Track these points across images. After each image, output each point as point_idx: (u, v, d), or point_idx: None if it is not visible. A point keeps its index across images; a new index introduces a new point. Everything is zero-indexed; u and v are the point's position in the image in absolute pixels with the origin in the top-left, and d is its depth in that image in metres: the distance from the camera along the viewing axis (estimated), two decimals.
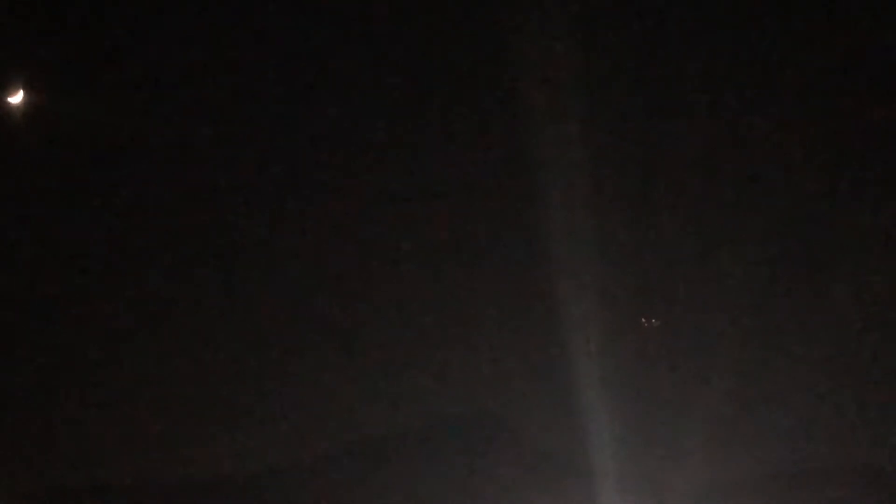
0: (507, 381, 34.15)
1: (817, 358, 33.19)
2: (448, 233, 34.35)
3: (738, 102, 33.44)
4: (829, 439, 32.92)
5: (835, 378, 33.23)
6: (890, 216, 32.98)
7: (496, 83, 33.10)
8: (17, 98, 33.84)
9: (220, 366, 32.74)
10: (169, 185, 33.40)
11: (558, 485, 32.93)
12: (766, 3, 33.42)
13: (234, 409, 32.58)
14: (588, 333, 32.27)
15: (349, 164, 33.70)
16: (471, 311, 34.47)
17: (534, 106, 32.31)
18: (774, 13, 33.21)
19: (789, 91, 32.97)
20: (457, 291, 34.19)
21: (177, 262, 32.99)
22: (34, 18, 33.62)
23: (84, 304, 32.54)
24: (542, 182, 32.77)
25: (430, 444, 34.47)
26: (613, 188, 33.71)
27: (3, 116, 33.17)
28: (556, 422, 32.69)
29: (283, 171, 33.50)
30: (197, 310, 32.97)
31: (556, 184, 32.73)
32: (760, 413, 32.70)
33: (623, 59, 33.59)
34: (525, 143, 32.49)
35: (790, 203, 33.13)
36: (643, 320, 33.02)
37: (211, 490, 32.62)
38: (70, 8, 33.80)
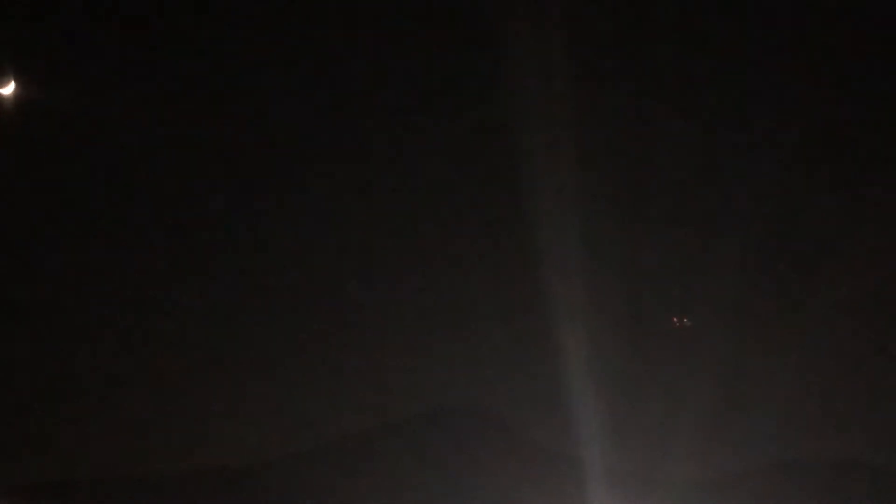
0: (499, 377, 34.49)
1: (802, 357, 33.81)
2: (440, 230, 34.50)
3: (733, 106, 33.79)
4: (813, 434, 33.61)
5: (818, 377, 33.89)
6: (876, 220, 33.55)
7: (490, 85, 33.22)
8: (8, 89, 33.56)
9: (213, 363, 32.75)
10: (164, 178, 33.27)
11: (548, 478, 33.36)
12: (764, 5, 33.71)
13: (228, 405, 32.64)
14: (579, 331, 32.59)
15: (343, 164, 33.73)
16: (463, 308, 34.72)
17: (529, 107, 32.49)
18: (771, 15, 33.49)
19: (783, 94, 33.34)
20: (449, 289, 34.39)
21: (172, 258, 32.89)
22: (26, 10, 33.32)
23: (79, 298, 32.37)
24: (534, 181, 32.98)
25: (421, 437, 34.77)
26: (605, 190, 34.04)
27: None
28: (547, 416, 33.10)
29: (279, 170, 33.41)
30: (192, 309, 32.91)
31: (547, 184, 32.94)
32: (747, 409, 33.30)
33: (618, 61, 33.81)
34: (519, 144, 32.69)
35: (781, 206, 33.61)
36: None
37: (205, 482, 32.75)
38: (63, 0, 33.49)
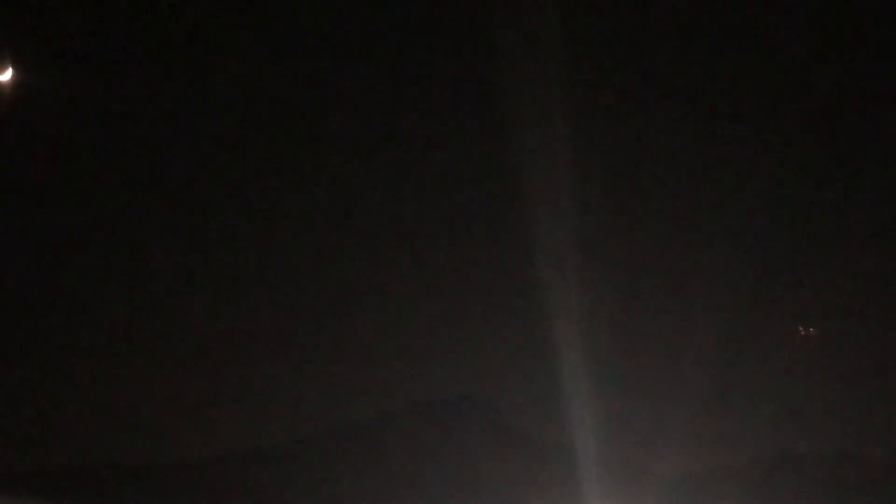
0: (494, 368, 34.55)
1: (794, 350, 33.90)
2: (436, 223, 34.60)
3: (724, 105, 33.96)
4: (805, 427, 33.68)
5: (810, 370, 33.96)
6: (865, 218, 33.72)
7: (484, 83, 33.30)
8: (5, 76, 33.46)
9: (215, 353, 32.81)
10: (162, 166, 33.30)
11: (542, 467, 33.40)
12: (757, 6, 33.84)
13: (224, 393, 32.73)
14: (575, 323, 32.63)
15: (339, 158, 33.86)
16: (458, 300, 34.79)
17: (522, 104, 32.57)
18: (764, 14, 33.63)
19: (774, 94, 33.48)
20: (444, 280, 34.49)
21: (170, 248, 32.93)
22: None
23: (78, 287, 32.44)
24: (529, 175, 33.06)
25: (416, 426, 34.84)
26: (599, 185, 34.12)
27: None
28: (540, 407, 33.12)
29: (272, 159, 33.53)
30: (192, 298, 32.99)
31: (542, 179, 33.01)
32: (740, 402, 33.36)
33: (612, 59, 33.92)
34: (513, 139, 32.74)
35: (772, 205, 33.69)
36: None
37: (206, 469, 32.85)
38: None
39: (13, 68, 33.22)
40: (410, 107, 35.06)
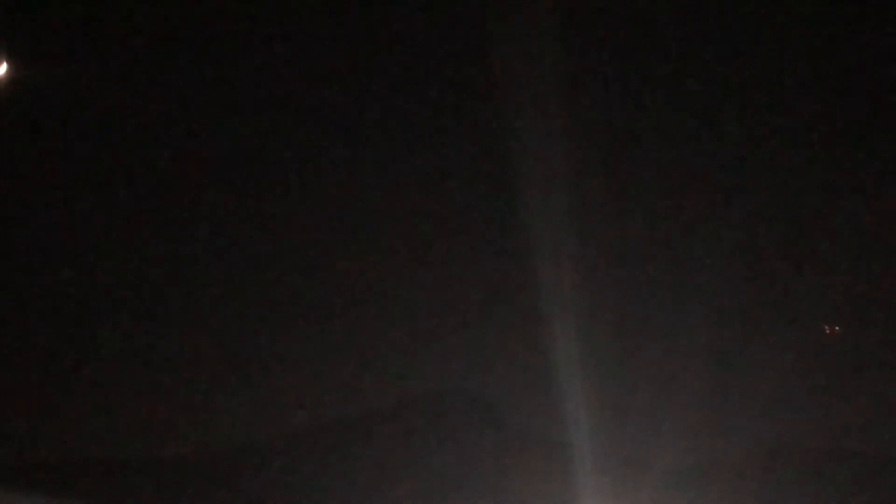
0: (487, 362, 34.48)
1: (792, 341, 33.80)
2: (427, 216, 34.68)
3: (723, 99, 34.06)
4: (804, 420, 33.53)
5: (808, 361, 33.85)
6: (864, 210, 33.71)
7: (481, 80, 33.44)
8: (1, 69, 33.64)
9: (202, 345, 32.84)
10: (158, 163, 33.39)
11: (536, 464, 33.29)
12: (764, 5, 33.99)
13: (216, 391, 32.73)
14: (570, 317, 32.60)
15: (331, 154, 34.05)
16: (450, 292, 34.79)
17: (518, 100, 32.68)
18: (764, 10, 33.73)
19: (772, 87, 33.55)
20: (437, 274, 34.50)
21: (163, 243, 32.98)
22: None
23: (69, 282, 32.48)
24: (520, 168, 33.09)
25: (407, 423, 34.76)
26: (596, 180, 34.15)
27: None
28: (537, 402, 33.02)
29: (271, 155, 33.70)
30: (181, 289, 33.04)
31: (534, 170, 33.04)
32: (737, 393, 33.23)
33: (609, 54, 34.07)
34: (507, 133, 32.82)
35: (770, 193, 33.72)
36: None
37: (190, 465, 32.79)
38: None
39: (8, 62, 33.41)
40: (405, 102, 35.12)
